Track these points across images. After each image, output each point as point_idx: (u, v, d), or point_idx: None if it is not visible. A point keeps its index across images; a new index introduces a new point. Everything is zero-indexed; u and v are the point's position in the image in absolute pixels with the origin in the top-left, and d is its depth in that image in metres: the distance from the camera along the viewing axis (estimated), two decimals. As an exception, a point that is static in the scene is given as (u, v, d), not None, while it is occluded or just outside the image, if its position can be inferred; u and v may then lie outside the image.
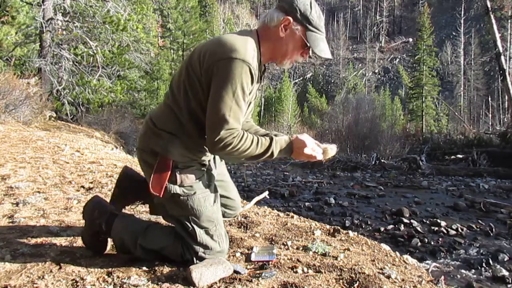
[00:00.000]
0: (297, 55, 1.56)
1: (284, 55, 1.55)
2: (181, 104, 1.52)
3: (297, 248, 1.95)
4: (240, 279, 1.52)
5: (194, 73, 1.47)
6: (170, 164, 1.52)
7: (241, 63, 1.38)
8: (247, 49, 1.41)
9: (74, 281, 1.47)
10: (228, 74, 1.38)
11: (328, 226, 2.41)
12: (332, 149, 1.61)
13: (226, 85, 1.38)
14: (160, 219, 1.89)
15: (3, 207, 2.52)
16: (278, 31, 1.50)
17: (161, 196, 1.52)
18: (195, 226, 1.56)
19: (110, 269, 1.57)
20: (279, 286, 1.50)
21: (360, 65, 55.16)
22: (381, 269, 1.75)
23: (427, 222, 4.98)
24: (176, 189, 1.53)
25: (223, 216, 1.76)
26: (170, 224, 1.69)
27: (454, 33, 43.60)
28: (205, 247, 1.58)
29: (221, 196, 1.76)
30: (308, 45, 1.51)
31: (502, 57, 16.21)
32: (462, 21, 40.91)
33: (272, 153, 1.49)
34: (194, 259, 1.57)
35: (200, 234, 1.57)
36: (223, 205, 1.79)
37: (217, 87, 1.40)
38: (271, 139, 1.50)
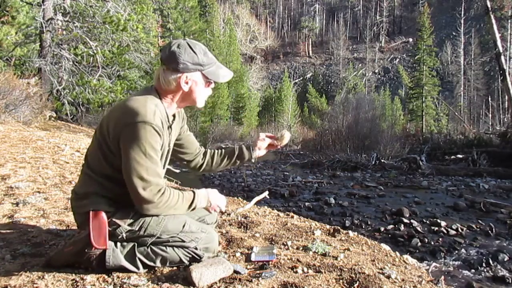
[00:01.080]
0: (206, 92, 1.71)
1: (195, 100, 1.69)
2: (96, 169, 1.61)
3: (297, 248, 1.95)
4: (240, 279, 1.52)
5: (104, 142, 1.57)
6: (102, 215, 1.55)
7: (144, 125, 1.48)
8: (147, 109, 1.51)
9: (74, 281, 1.47)
10: (135, 137, 1.48)
11: (328, 226, 2.41)
12: (286, 135, 1.92)
13: (136, 148, 1.48)
14: None
15: (3, 207, 2.52)
16: (181, 88, 1.62)
17: (106, 247, 1.54)
18: (172, 236, 1.59)
19: (110, 269, 1.56)
20: (279, 286, 1.50)
21: (360, 65, 55.13)
22: (381, 269, 1.75)
23: (427, 222, 4.98)
24: (126, 228, 1.56)
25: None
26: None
27: (454, 33, 43.51)
28: (196, 239, 1.61)
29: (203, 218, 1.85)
30: (211, 80, 1.67)
31: (502, 57, 16.22)
32: (462, 21, 40.81)
33: (195, 205, 1.66)
34: (199, 252, 1.59)
35: (181, 235, 1.60)
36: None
37: (129, 152, 1.49)
38: (194, 193, 1.67)
